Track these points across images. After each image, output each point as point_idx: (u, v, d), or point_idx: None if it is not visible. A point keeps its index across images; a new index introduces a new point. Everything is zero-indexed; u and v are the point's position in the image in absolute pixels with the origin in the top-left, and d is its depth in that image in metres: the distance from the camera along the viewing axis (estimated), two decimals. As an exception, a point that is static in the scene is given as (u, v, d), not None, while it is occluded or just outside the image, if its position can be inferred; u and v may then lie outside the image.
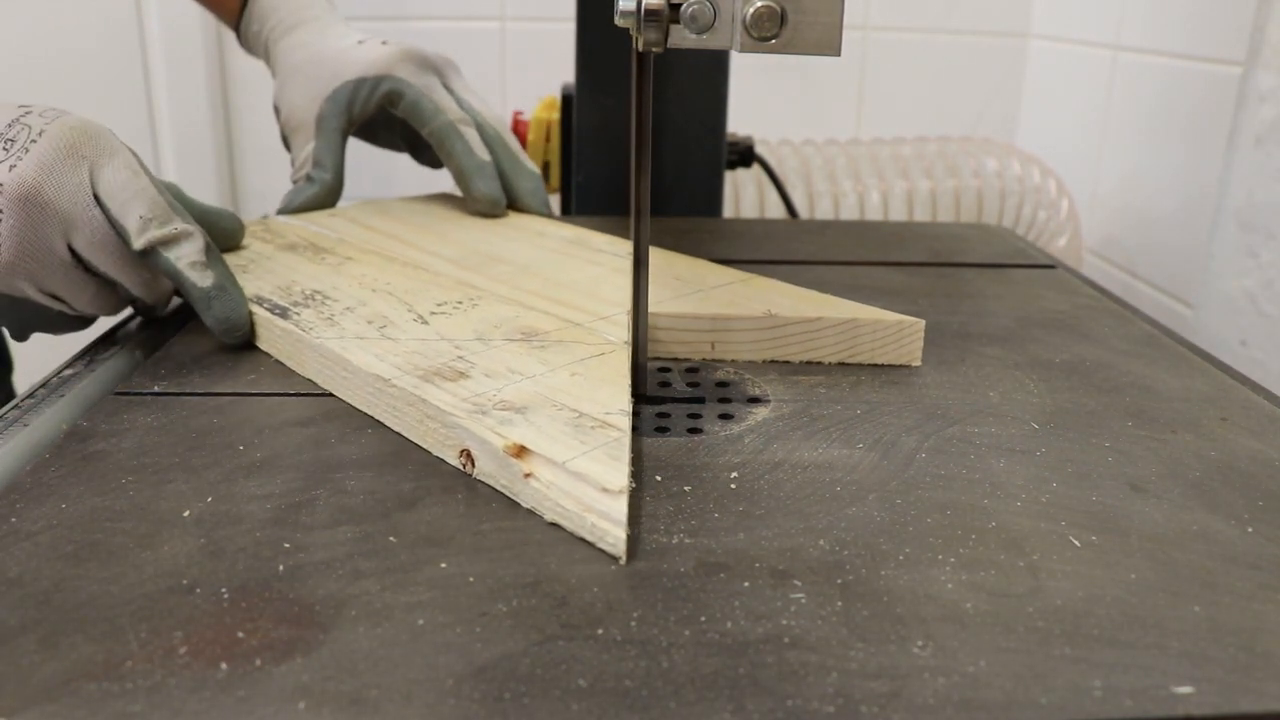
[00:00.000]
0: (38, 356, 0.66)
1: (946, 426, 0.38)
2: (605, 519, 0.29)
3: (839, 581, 0.28)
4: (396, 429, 0.37)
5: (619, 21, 0.35)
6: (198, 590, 0.27)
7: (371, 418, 0.38)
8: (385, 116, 0.65)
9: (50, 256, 0.42)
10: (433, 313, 0.45)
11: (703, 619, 0.26)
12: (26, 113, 0.43)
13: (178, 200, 0.47)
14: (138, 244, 0.43)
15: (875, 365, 0.45)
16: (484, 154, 0.63)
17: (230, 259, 0.49)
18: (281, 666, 0.24)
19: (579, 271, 0.52)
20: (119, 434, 0.37)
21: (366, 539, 0.30)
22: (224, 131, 1.24)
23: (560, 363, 0.40)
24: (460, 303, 0.46)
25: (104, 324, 0.50)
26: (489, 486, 0.33)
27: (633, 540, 0.30)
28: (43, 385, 0.43)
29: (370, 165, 0.59)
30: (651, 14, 0.35)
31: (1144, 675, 0.25)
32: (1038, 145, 1.19)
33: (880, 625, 0.26)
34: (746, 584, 0.28)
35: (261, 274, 0.49)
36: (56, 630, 0.26)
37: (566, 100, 0.79)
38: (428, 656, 0.25)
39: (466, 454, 0.34)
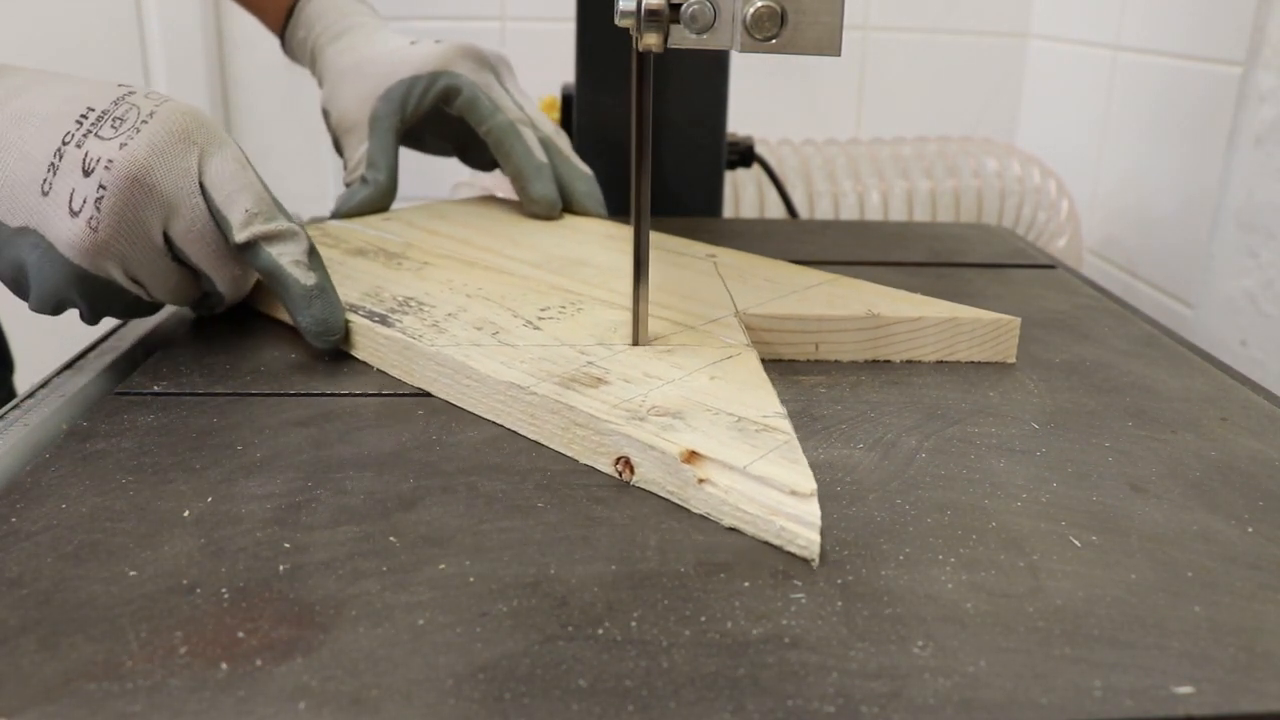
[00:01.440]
0: (38, 356, 0.66)
1: (947, 426, 0.38)
2: (796, 522, 0.29)
3: (839, 581, 0.28)
4: (533, 437, 0.37)
5: (619, 21, 0.35)
6: (198, 590, 0.27)
7: (372, 418, 0.38)
8: (437, 117, 0.63)
9: (145, 240, 0.41)
10: (540, 318, 0.44)
11: (703, 619, 0.26)
12: (130, 92, 0.42)
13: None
14: (241, 236, 0.43)
15: (881, 363, 0.45)
16: (542, 155, 0.62)
17: None
18: (281, 666, 0.24)
19: (663, 274, 0.51)
20: (119, 434, 0.37)
21: (366, 539, 0.30)
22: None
23: (693, 367, 0.39)
24: (564, 307, 0.46)
25: (105, 324, 0.50)
26: (488, 489, 0.33)
27: (633, 540, 0.30)
28: (43, 385, 0.43)
29: None
30: (651, 14, 0.35)
31: (1144, 675, 0.25)
32: (1038, 145, 1.19)
33: (880, 625, 0.26)
34: (746, 584, 0.28)
35: (340, 280, 0.48)
36: (56, 630, 0.26)
37: (566, 100, 0.79)
38: (428, 656, 0.25)
39: (624, 461, 0.34)
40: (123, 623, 0.26)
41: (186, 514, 0.31)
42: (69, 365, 0.45)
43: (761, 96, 1.19)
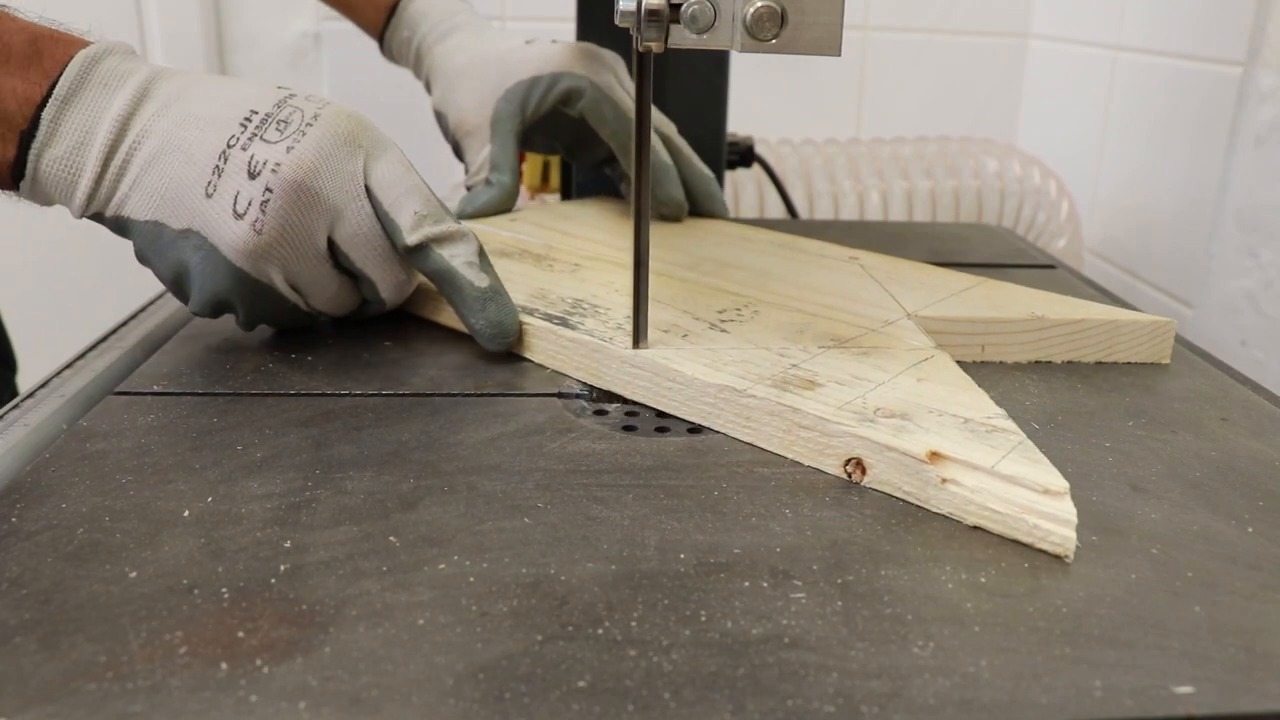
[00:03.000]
0: (38, 356, 0.66)
1: (946, 426, 0.38)
2: (1050, 519, 0.29)
3: (839, 581, 0.28)
4: (746, 439, 0.37)
5: (619, 21, 0.35)
6: (197, 590, 0.27)
7: (371, 417, 0.38)
8: (551, 117, 0.62)
9: (308, 245, 0.41)
10: (721, 320, 0.44)
11: (703, 619, 0.26)
12: (291, 95, 0.42)
13: None
14: (412, 239, 0.42)
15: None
16: (666, 156, 0.61)
17: None
18: (281, 666, 0.24)
19: (818, 276, 0.51)
20: (119, 434, 0.37)
21: (366, 539, 0.30)
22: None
23: (895, 369, 0.39)
24: (740, 310, 0.46)
25: (104, 324, 0.50)
26: (488, 489, 0.33)
27: (634, 541, 0.30)
28: (43, 385, 0.43)
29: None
30: (651, 14, 0.35)
31: (1144, 675, 0.25)
32: (1038, 145, 1.19)
33: (880, 625, 0.26)
34: (746, 584, 0.28)
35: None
36: (56, 630, 0.26)
37: (567, 100, 0.78)
38: (428, 656, 0.25)
39: (855, 462, 0.34)
40: (123, 623, 0.26)
41: (186, 514, 0.31)
42: (69, 365, 0.45)
43: (761, 96, 1.19)
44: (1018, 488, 0.31)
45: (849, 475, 0.34)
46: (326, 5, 0.70)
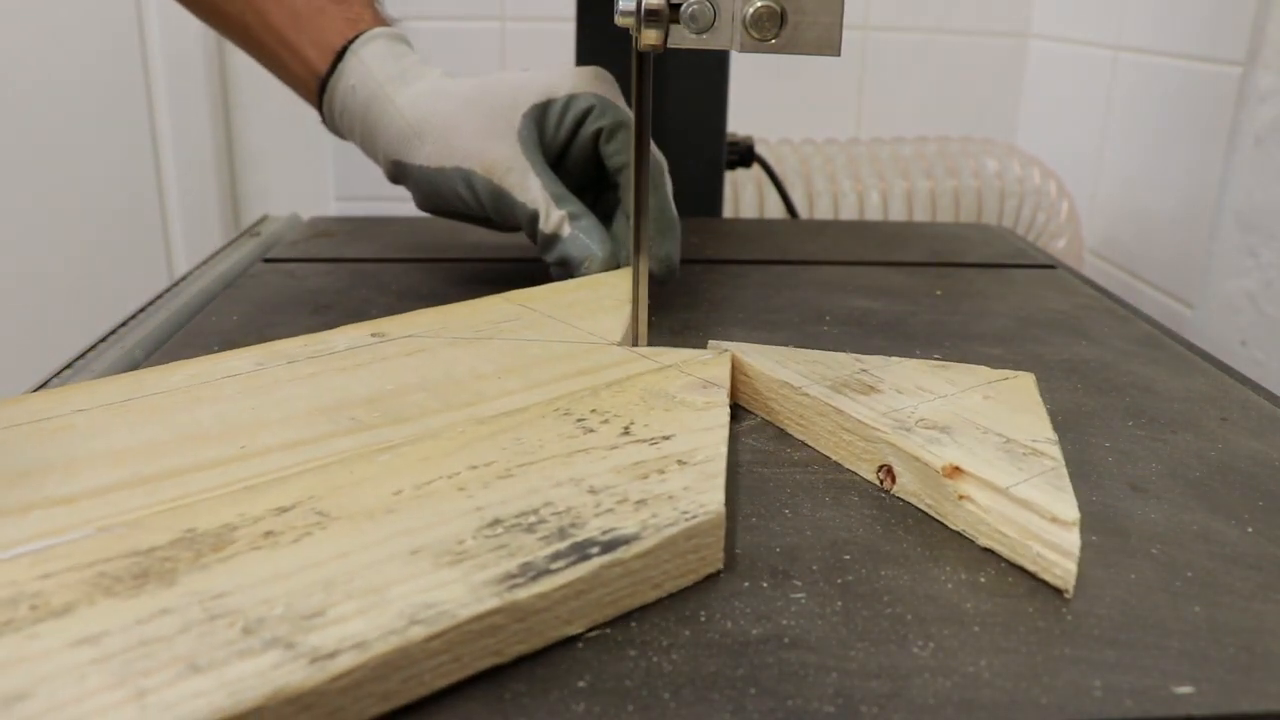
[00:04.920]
0: (37, 356, 0.66)
1: (946, 426, 0.38)
2: (1054, 550, 0.28)
3: (839, 581, 0.28)
4: (800, 437, 0.37)
5: (619, 21, 0.35)
6: (198, 590, 0.27)
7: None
8: (566, 146, 0.52)
9: None
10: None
11: (702, 619, 0.26)
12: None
13: None
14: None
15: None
16: (674, 209, 0.51)
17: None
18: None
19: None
20: (119, 434, 0.36)
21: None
22: (224, 131, 1.24)
23: (968, 384, 0.38)
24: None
25: (103, 324, 0.50)
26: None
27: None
28: (43, 385, 0.42)
29: (369, 167, 0.57)
30: (651, 14, 0.35)
31: (1144, 675, 0.25)
32: (1038, 145, 1.19)
33: (880, 625, 0.26)
34: (746, 584, 0.28)
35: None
36: (56, 630, 0.25)
37: (566, 100, 0.79)
38: (428, 656, 0.25)
39: (887, 470, 0.33)
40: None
41: (186, 514, 0.31)
42: (69, 365, 0.45)
43: (761, 96, 1.19)
44: (1029, 513, 0.29)
45: (880, 481, 0.34)
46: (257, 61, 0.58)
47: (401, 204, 0.62)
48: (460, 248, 0.64)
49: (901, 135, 1.15)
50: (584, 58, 0.71)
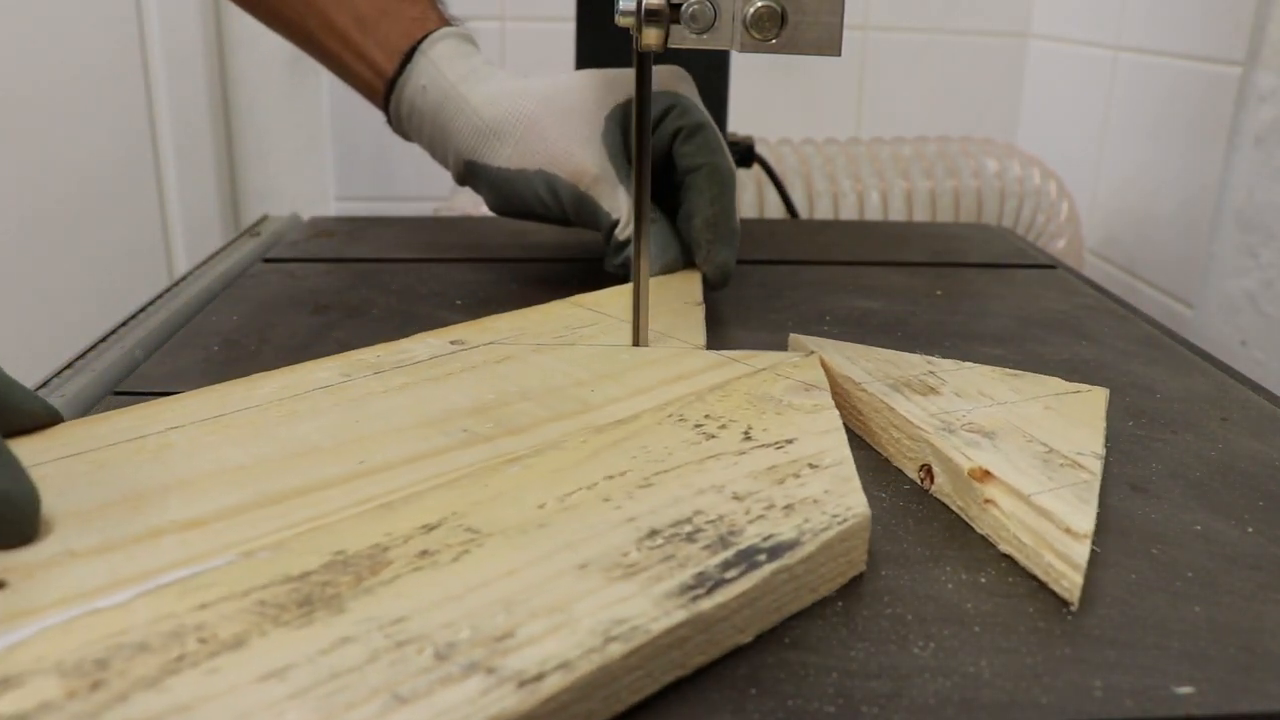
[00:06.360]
0: (38, 356, 0.66)
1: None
2: (1063, 560, 0.28)
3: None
4: (859, 433, 0.37)
5: (619, 21, 0.35)
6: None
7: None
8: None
9: None
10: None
11: (703, 619, 0.26)
12: None
13: None
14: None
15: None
16: (736, 219, 0.49)
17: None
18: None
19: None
20: (119, 434, 0.36)
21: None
22: (224, 131, 1.24)
23: (1034, 394, 0.38)
24: None
25: (102, 324, 0.50)
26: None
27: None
28: (43, 385, 0.43)
29: (369, 167, 0.57)
30: (652, 14, 0.35)
31: (1144, 675, 0.25)
32: (1038, 145, 1.19)
33: (880, 625, 0.26)
34: (747, 584, 0.28)
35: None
36: (57, 630, 0.25)
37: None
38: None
39: (927, 469, 0.34)
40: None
41: (186, 514, 0.31)
42: (69, 365, 0.45)
43: (761, 96, 1.19)
44: (1045, 522, 0.29)
45: (921, 480, 0.34)
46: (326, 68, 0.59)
47: (402, 204, 0.62)
48: (461, 248, 0.64)
49: (901, 135, 1.15)
50: (584, 58, 0.71)
